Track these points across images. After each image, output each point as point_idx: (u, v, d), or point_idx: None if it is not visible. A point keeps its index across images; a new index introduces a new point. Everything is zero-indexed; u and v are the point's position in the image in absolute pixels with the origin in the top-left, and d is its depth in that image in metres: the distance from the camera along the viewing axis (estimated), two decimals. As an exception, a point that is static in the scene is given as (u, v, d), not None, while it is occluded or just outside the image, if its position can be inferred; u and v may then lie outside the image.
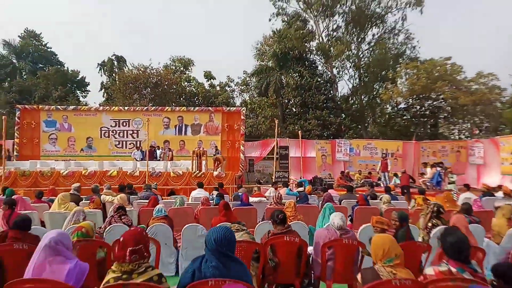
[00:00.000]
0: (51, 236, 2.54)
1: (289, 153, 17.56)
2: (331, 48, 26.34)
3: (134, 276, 2.34)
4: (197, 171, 14.85)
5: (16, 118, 18.21)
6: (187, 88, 27.06)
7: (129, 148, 18.54)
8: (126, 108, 19.77)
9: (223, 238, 2.46)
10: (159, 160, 16.49)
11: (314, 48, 27.08)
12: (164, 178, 14.27)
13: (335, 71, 27.99)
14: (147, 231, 4.93)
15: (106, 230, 4.98)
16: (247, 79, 27.89)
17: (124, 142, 18.85)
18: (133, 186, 10.13)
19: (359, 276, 2.64)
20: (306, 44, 26.00)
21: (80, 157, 17.90)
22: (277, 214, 3.78)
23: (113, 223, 5.16)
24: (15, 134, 17.99)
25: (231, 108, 20.78)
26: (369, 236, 4.23)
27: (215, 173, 14.80)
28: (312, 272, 3.87)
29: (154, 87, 24.33)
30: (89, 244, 3.48)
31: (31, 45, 31.25)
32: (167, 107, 20.24)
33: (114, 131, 18.75)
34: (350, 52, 27.14)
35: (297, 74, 25.20)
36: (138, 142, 18.55)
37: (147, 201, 7.45)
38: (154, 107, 20.09)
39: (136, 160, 16.48)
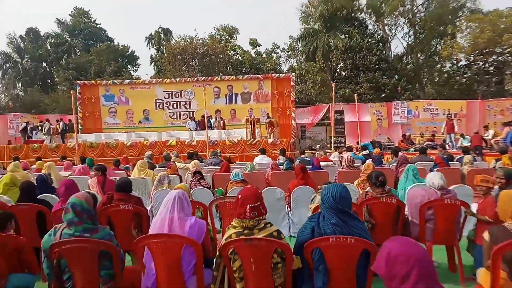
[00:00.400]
0: (177, 191, 2.62)
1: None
2: (383, 5, 24.55)
3: (255, 231, 2.37)
4: (252, 139, 14.96)
5: (77, 94, 19.13)
6: (233, 57, 26.87)
7: (183, 119, 18.98)
8: (177, 79, 20.07)
9: (340, 195, 2.40)
10: (212, 129, 16.76)
11: (363, 6, 25.43)
12: (220, 146, 14.49)
13: (387, 29, 26.21)
14: (228, 195, 5.05)
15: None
16: (294, 44, 27.02)
17: (178, 113, 19.31)
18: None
19: (485, 235, 2.47)
20: (354, 2, 24.48)
21: (138, 128, 18.66)
22: (377, 175, 3.62)
23: (193, 187, 5.32)
24: (78, 109, 19.01)
25: (280, 74, 20.38)
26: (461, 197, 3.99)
27: (270, 140, 14.82)
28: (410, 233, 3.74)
29: (201, 58, 24.40)
30: (188, 205, 3.58)
31: (81, 23, 32.37)
32: (217, 77, 20.26)
33: (168, 103, 19.21)
34: (403, 7, 25.14)
35: (345, 35, 23.97)
36: (191, 112, 18.94)
37: (216, 167, 7.63)
38: (204, 78, 20.19)
39: (191, 130, 16.89)
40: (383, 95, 23.43)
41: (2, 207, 3.83)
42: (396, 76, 24.69)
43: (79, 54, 30.49)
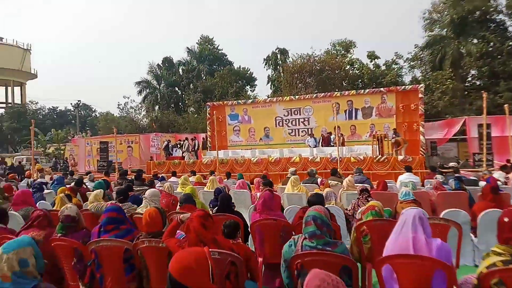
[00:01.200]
0: (417, 210, 2.48)
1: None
2: (529, 1, 21.31)
3: (530, 261, 2.05)
4: (379, 156, 14.22)
5: (207, 114, 20.93)
6: (350, 71, 26.34)
7: (301, 136, 19.11)
8: (296, 97, 20.41)
9: None
10: (332, 146, 16.45)
11: (502, 7, 22.42)
12: (345, 163, 14.08)
13: (533, 29, 22.61)
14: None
15: (358, 212, 4.99)
16: (419, 53, 25.18)
17: (296, 130, 19.52)
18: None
19: None
20: (490, 2, 21.76)
21: (259, 146, 19.36)
22: None
23: (361, 206, 5.15)
24: (207, 128, 20.77)
25: (406, 86, 19.06)
26: None
27: (400, 157, 13.89)
28: None
29: (318, 74, 24.50)
30: (386, 224, 3.43)
31: (207, 49, 36.10)
32: (336, 92, 19.99)
33: (287, 120, 19.58)
34: (556, 2, 21.38)
35: (480, 40, 21.38)
36: (309, 129, 18.94)
37: (363, 184, 7.34)
38: (323, 94, 20.08)
39: (310, 146, 16.89)
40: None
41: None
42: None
43: (204, 78, 33.86)
